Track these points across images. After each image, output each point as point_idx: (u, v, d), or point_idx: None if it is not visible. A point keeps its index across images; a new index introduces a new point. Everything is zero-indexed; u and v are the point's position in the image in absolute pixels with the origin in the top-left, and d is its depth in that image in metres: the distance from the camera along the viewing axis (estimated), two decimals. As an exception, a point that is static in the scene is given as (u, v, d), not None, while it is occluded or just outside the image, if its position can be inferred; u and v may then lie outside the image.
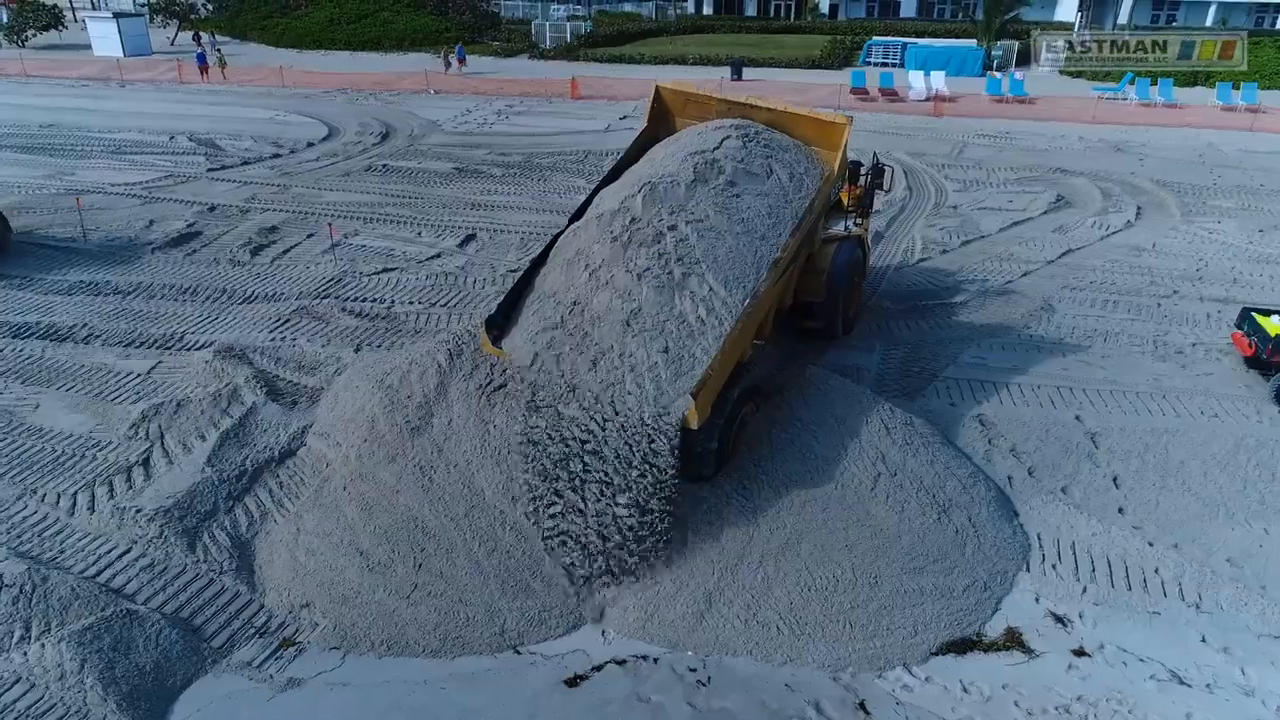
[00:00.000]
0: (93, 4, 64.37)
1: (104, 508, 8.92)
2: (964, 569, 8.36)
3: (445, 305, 13.94)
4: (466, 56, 43.79)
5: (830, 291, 11.55)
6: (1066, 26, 57.23)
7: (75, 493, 9.22)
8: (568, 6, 64.11)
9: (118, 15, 47.81)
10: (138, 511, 8.77)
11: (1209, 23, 64.07)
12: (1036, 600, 8.21)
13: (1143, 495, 9.41)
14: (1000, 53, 43.66)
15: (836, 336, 12.25)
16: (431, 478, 8.83)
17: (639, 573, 7.99)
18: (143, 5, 58.91)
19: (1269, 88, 35.71)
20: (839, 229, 12.40)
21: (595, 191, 10.28)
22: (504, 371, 8.92)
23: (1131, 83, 35.56)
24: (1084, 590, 8.29)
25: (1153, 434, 10.34)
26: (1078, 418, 10.69)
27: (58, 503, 9.06)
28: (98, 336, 12.63)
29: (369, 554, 8.27)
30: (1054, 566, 8.59)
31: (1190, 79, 38.12)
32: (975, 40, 45.52)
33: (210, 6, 60.88)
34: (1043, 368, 11.94)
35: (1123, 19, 58.95)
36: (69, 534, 8.64)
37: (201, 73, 38.46)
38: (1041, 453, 10.03)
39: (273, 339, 12.54)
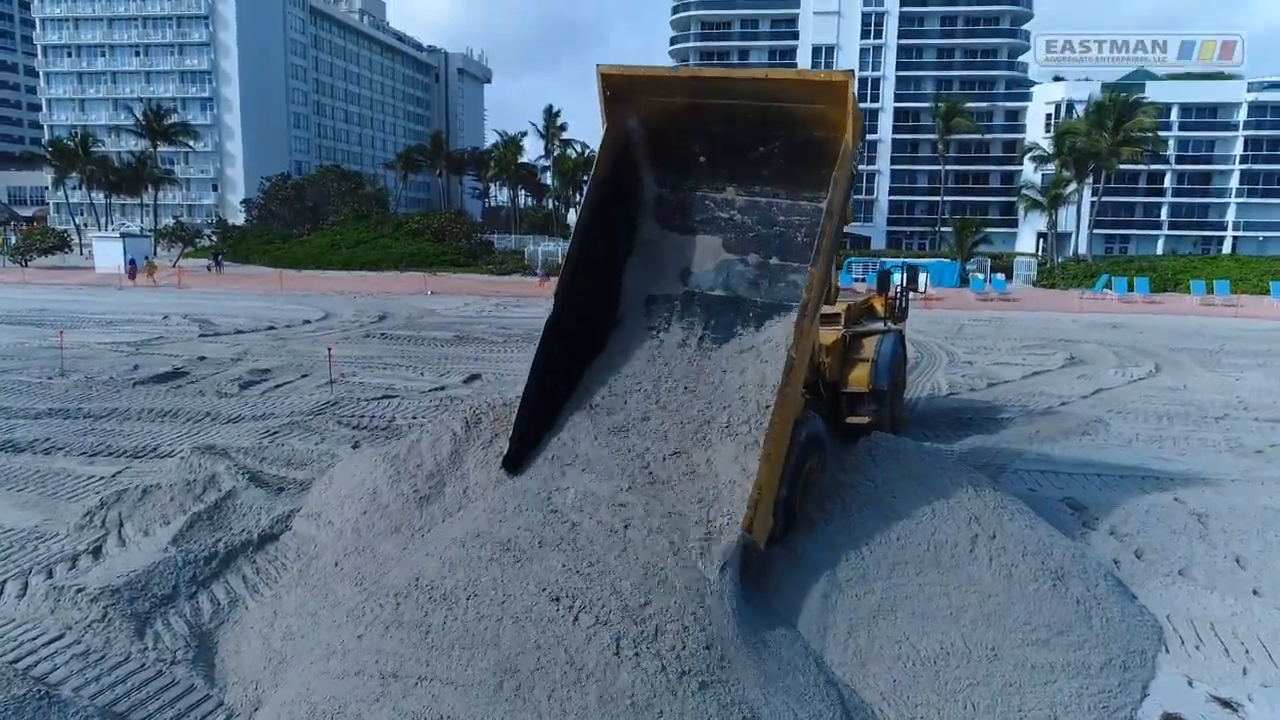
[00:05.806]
0: (100, 228, 67.08)
1: (38, 591, 7.28)
2: (1095, 644, 6.79)
3: (451, 422, 12.75)
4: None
5: (877, 381, 10.63)
6: (1029, 254, 60.98)
7: (4, 581, 7.59)
8: (555, 240, 68.31)
9: (125, 235, 49.57)
10: (78, 591, 7.10)
11: (1159, 251, 68.48)
12: (1190, 684, 6.62)
13: (1277, 575, 8.02)
14: (974, 266, 45.89)
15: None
16: (441, 547, 7.33)
17: None
18: (149, 230, 61.45)
19: (1239, 292, 37.14)
20: (877, 327, 11.72)
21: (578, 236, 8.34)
22: None
23: (1109, 285, 36.94)
24: (1244, 672, 6.74)
25: (1268, 513, 9.07)
26: (1177, 499, 9.44)
27: (-18, 592, 7.41)
28: (60, 448, 11.26)
29: (363, 633, 6.63)
30: (1197, 648, 7.05)
31: (1161, 285, 39.72)
32: (949, 259, 48.06)
33: (215, 235, 63.62)
34: (1119, 462, 10.80)
35: (1082, 249, 62.98)
36: (-10, 621, 6.97)
37: (130, 276, 39.29)
38: (1146, 535, 8.68)
39: (260, 443, 11.22)
